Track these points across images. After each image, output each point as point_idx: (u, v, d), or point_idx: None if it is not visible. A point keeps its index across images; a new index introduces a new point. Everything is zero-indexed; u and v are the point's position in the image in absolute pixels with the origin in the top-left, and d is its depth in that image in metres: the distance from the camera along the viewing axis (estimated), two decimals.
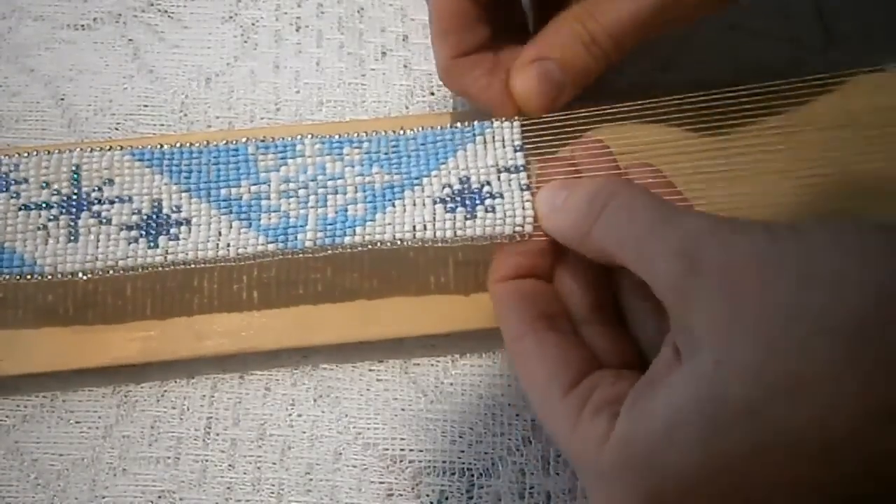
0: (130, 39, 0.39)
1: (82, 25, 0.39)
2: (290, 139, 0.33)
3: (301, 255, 0.31)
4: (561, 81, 0.32)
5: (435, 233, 0.31)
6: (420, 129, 0.33)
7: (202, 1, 0.40)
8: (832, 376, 0.23)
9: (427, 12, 0.33)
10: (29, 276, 0.31)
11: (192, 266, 0.31)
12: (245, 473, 0.32)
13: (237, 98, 0.38)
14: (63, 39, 0.39)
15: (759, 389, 0.23)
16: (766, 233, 0.25)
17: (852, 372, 0.22)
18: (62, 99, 0.38)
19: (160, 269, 0.31)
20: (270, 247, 0.31)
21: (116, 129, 0.37)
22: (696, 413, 0.24)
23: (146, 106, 0.38)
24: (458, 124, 0.33)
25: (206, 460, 0.32)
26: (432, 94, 0.38)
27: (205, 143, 0.33)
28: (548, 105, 0.33)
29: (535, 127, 0.33)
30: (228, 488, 0.32)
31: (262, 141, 0.33)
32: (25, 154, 0.32)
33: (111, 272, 0.31)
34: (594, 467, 0.26)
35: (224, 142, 0.33)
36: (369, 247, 0.31)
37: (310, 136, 0.33)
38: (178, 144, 0.32)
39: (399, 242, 0.31)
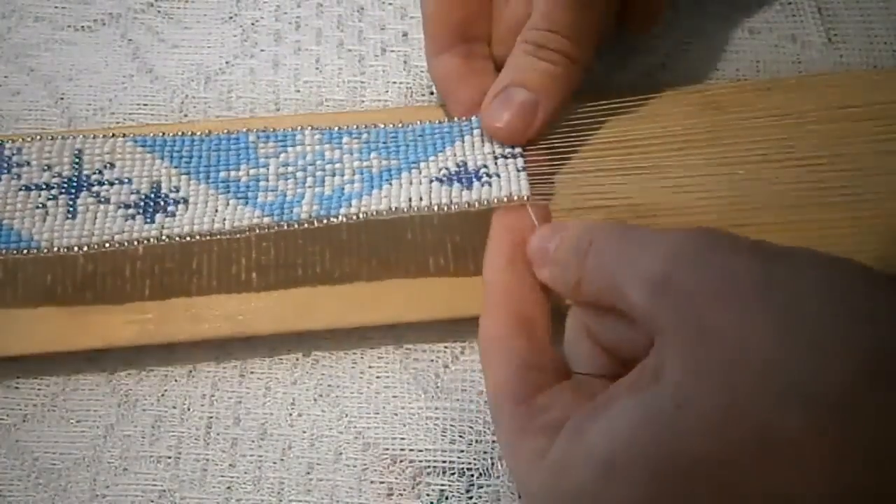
0: (130, 40, 0.39)
1: (82, 26, 0.39)
2: (290, 129, 0.33)
3: (297, 227, 0.31)
4: (530, 100, 0.32)
5: (430, 200, 0.31)
6: (419, 122, 0.33)
7: (202, 1, 0.40)
8: (803, 447, 0.20)
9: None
10: (26, 252, 0.31)
11: (188, 239, 0.31)
12: (246, 473, 0.32)
13: (237, 97, 0.38)
14: (63, 40, 0.39)
15: (719, 445, 0.21)
16: (754, 252, 0.23)
17: (826, 446, 0.20)
18: (62, 99, 0.38)
19: (156, 242, 0.31)
20: (266, 220, 0.31)
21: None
22: (642, 456, 0.21)
23: (146, 105, 0.38)
24: (457, 118, 0.33)
25: (207, 459, 0.32)
26: (432, 93, 0.38)
27: (206, 131, 0.33)
28: (527, 129, 0.32)
29: None
30: (229, 487, 0.32)
31: (263, 130, 0.33)
32: (29, 138, 0.32)
33: (107, 246, 0.31)
34: (526, 485, 0.24)
35: (225, 131, 0.33)
36: (363, 217, 0.31)
37: (310, 128, 0.33)
38: (180, 133, 0.33)
39: (395, 211, 0.31)
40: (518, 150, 0.32)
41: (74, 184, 0.32)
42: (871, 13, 0.39)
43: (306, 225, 0.31)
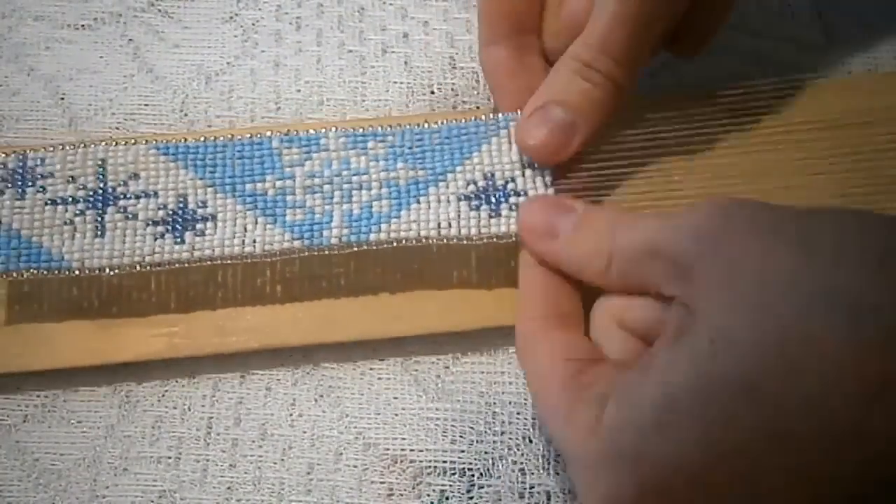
0: (130, 39, 0.39)
1: (82, 25, 0.39)
2: (314, 133, 0.33)
3: (326, 252, 0.31)
4: (568, 121, 0.31)
5: (459, 230, 0.31)
6: (444, 122, 0.33)
7: (202, 1, 0.40)
8: (829, 348, 0.21)
9: (428, 10, 0.33)
10: (57, 272, 0.31)
11: (219, 262, 0.31)
12: (246, 473, 0.32)
13: (237, 97, 0.38)
14: (63, 39, 0.39)
15: (755, 365, 0.22)
16: (765, 204, 0.25)
17: (850, 343, 0.21)
18: (62, 99, 0.38)
19: (186, 265, 0.31)
20: (296, 244, 0.31)
21: (117, 128, 0.37)
22: (689, 397, 0.23)
23: (146, 105, 0.38)
24: (483, 117, 0.33)
25: (207, 460, 0.32)
26: (432, 92, 0.38)
27: (229, 136, 0.33)
28: (560, 150, 0.31)
29: None
30: (229, 488, 0.32)
31: (287, 134, 0.33)
32: (51, 148, 0.32)
33: (138, 267, 0.31)
34: (582, 457, 0.25)
35: (248, 136, 0.33)
36: (394, 244, 0.31)
37: (334, 130, 0.33)
38: (202, 139, 0.33)
39: (424, 240, 0.31)
40: None
41: (100, 197, 0.32)
42: (871, 13, 0.39)
43: (336, 251, 0.31)
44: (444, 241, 0.31)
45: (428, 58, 0.39)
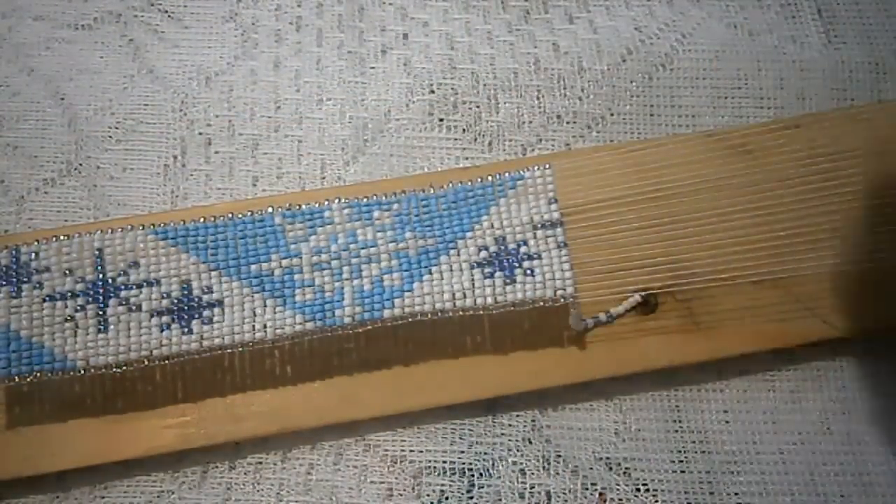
0: (131, 39, 0.39)
1: (82, 25, 0.39)
2: (317, 206, 0.32)
3: (340, 332, 0.31)
4: None
5: (475, 300, 0.31)
6: (450, 185, 0.32)
7: (202, 1, 0.40)
8: None
9: (427, 11, 0.33)
10: (61, 373, 0.29)
11: (230, 351, 0.31)
12: (245, 474, 0.32)
13: (237, 97, 0.38)
14: (63, 39, 0.39)
15: None
16: None
17: None
18: (62, 99, 0.38)
19: (196, 356, 0.30)
20: (308, 325, 0.30)
21: (116, 128, 0.37)
22: None
23: (146, 105, 0.38)
24: (489, 177, 0.32)
25: (208, 461, 0.32)
26: (432, 91, 0.38)
27: (229, 215, 0.32)
28: None
29: (566, 172, 0.33)
30: (228, 489, 0.32)
31: (289, 209, 0.32)
32: (45, 241, 0.31)
33: (146, 362, 0.30)
34: None
35: (249, 213, 0.32)
36: (409, 319, 0.30)
37: (337, 201, 0.32)
38: (201, 219, 0.31)
39: (439, 314, 0.31)
40: (557, 215, 0.32)
41: (100, 289, 0.30)
42: (871, 13, 0.39)
43: (350, 330, 0.30)
44: (460, 312, 0.31)
45: (427, 58, 0.39)
